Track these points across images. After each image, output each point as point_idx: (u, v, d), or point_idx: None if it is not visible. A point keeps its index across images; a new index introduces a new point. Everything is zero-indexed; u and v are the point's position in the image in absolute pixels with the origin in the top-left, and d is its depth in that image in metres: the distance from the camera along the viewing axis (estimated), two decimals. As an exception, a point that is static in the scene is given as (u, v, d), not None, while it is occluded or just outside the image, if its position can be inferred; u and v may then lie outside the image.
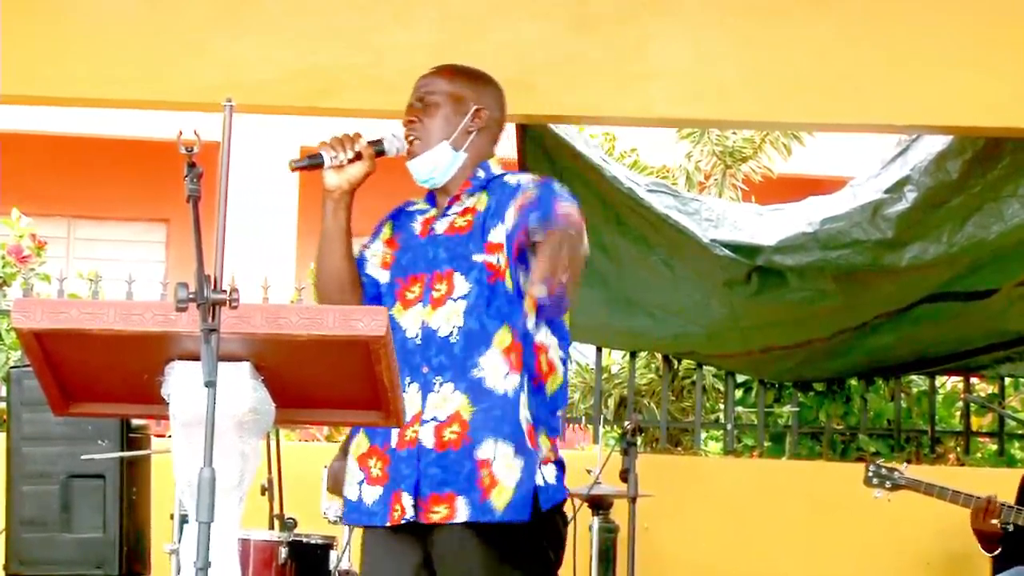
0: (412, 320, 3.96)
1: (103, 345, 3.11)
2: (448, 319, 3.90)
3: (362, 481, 3.93)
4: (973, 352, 7.70)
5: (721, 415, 8.14)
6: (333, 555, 5.43)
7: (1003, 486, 6.43)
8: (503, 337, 3.90)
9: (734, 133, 8.93)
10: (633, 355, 7.93)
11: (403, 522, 3.85)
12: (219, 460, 3.02)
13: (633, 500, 5.68)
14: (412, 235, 4.07)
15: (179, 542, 5.70)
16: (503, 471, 3.84)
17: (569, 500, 4.57)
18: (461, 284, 3.91)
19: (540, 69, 6.28)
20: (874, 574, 7.28)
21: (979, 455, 8.08)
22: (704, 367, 7.96)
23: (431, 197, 4.12)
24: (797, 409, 7.89)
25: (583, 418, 8.25)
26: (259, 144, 13.61)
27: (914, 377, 8.09)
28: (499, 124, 4.17)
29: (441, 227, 4.02)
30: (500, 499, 3.83)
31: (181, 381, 3.12)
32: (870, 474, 6.34)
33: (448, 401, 3.86)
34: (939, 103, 6.28)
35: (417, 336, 3.91)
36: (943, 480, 6.36)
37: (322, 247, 3.99)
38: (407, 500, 3.84)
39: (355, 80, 6.26)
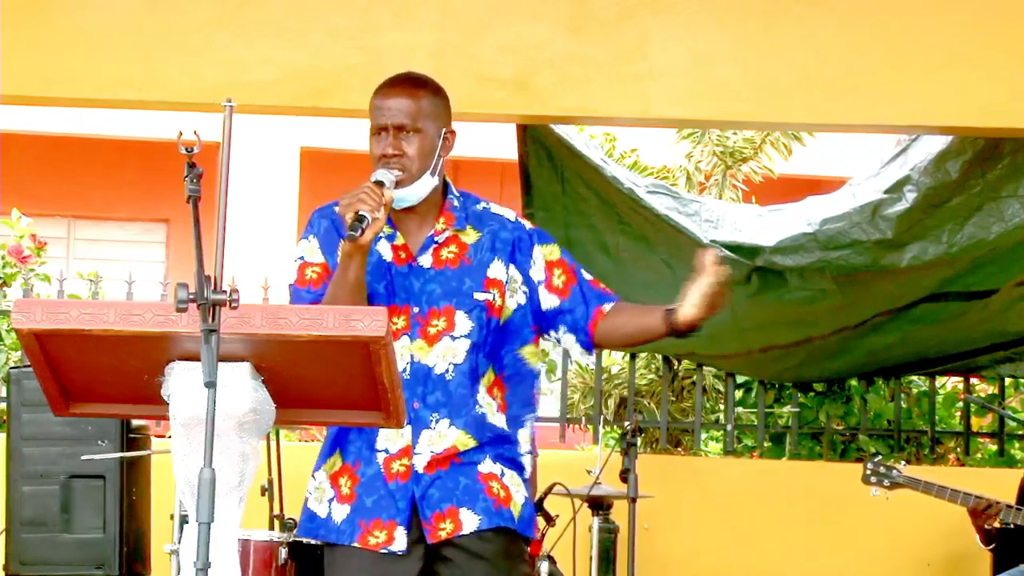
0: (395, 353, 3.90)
1: (103, 345, 3.11)
2: (444, 356, 3.86)
3: (332, 499, 3.91)
4: (973, 352, 7.70)
5: (721, 415, 8.14)
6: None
7: (1003, 486, 6.43)
8: (489, 376, 3.92)
9: (734, 133, 8.93)
10: (633, 356, 7.93)
11: (383, 551, 3.84)
12: (219, 460, 3.02)
13: (633, 500, 5.68)
14: (381, 260, 3.93)
15: (179, 542, 5.70)
16: (514, 489, 3.89)
17: (569, 500, 4.57)
18: (463, 322, 3.88)
19: (540, 69, 6.28)
20: (874, 574, 7.28)
21: (979, 455, 8.08)
22: (704, 367, 7.96)
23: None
24: (797, 409, 7.89)
25: (583, 418, 8.25)
26: (259, 144, 13.61)
27: (914, 377, 8.09)
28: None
29: (427, 260, 3.93)
30: (516, 511, 3.89)
31: (181, 381, 3.12)
32: (868, 472, 6.34)
33: (445, 436, 3.85)
34: (939, 103, 6.29)
35: (405, 371, 3.84)
36: (943, 480, 6.36)
37: (345, 296, 3.77)
38: (400, 533, 3.83)
39: (355, 80, 6.26)
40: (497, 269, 3.94)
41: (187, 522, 3.13)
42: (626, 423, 5.82)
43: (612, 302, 4.00)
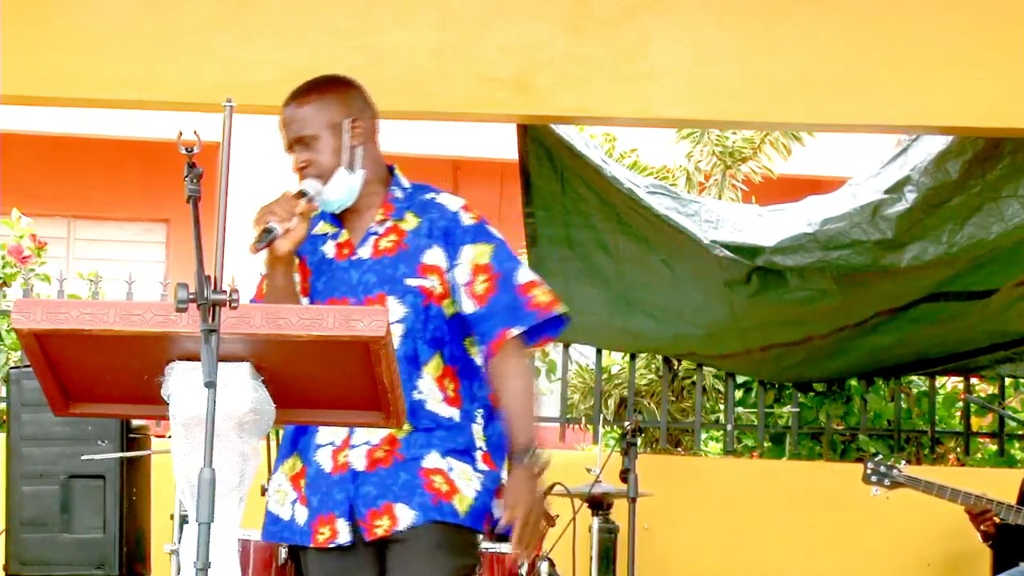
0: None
1: (103, 345, 3.11)
2: None
3: (295, 500, 3.92)
4: (973, 352, 7.70)
5: (721, 415, 8.14)
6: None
7: (1003, 486, 6.43)
8: (436, 364, 3.90)
9: (734, 133, 8.93)
10: (633, 356, 7.93)
11: (331, 545, 3.85)
12: (219, 460, 3.02)
13: (633, 500, 5.69)
14: (324, 259, 3.99)
15: (179, 542, 5.70)
16: (462, 482, 3.85)
17: (569, 500, 4.56)
18: (396, 308, 3.87)
19: (540, 69, 6.28)
20: (874, 574, 7.28)
21: (979, 455, 8.08)
22: (704, 367, 7.96)
23: (334, 218, 4.03)
24: (797, 409, 7.89)
25: (583, 418, 8.25)
26: (259, 144, 13.61)
27: (914, 377, 8.10)
28: (373, 118, 4.06)
29: (366, 251, 3.95)
30: (462, 505, 3.83)
31: (181, 381, 3.12)
32: (868, 472, 6.34)
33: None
34: (939, 103, 6.29)
35: None
36: (943, 480, 6.36)
37: (278, 302, 3.84)
38: (342, 525, 3.84)
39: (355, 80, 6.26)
40: (435, 255, 3.91)
41: (187, 522, 3.13)
42: (626, 423, 5.83)
43: (520, 327, 3.86)
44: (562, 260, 7.31)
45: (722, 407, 8.11)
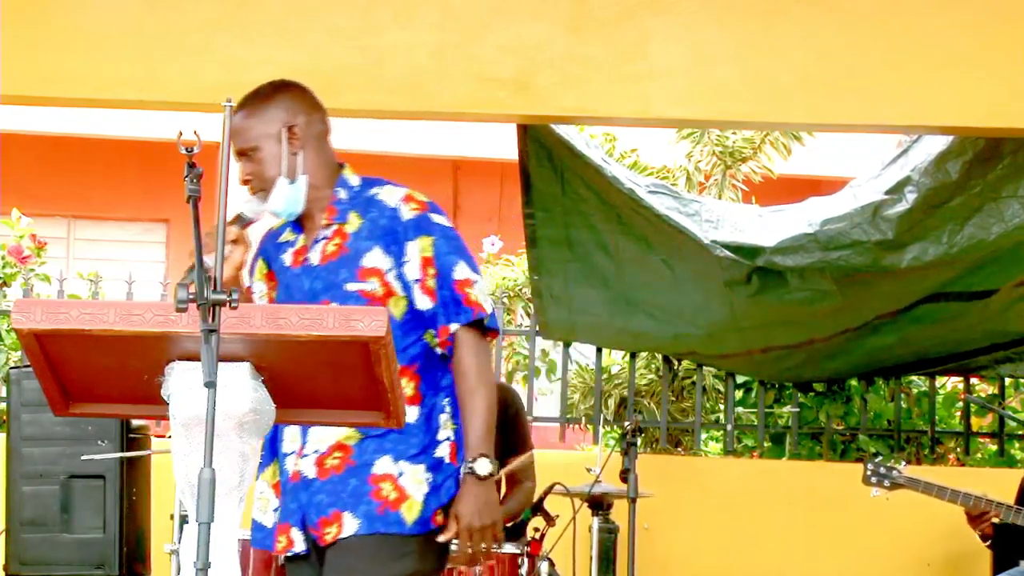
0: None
1: (103, 345, 3.11)
2: None
3: (277, 508, 3.93)
4: (973, 352, 7.70)
5: (721, 415, 8.14)
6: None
7: (1003, 486, 6.43)
8: None
9: (734, 133, 8.93)
10: (633, 355, 7.93)
11: (289, 554, 3.86)
12: (219, 460, 3.02)
13: (633, 500, 5.69)
14: (284, 267, 3.99)
15: (179, 542, 5.71)
16: (412, 487, 3.81)
17: (569, 500, 4.55)
18: None
19: (540, 69, 6.28)
20: (874, 574, 7.29)
21: (979, 455, 8.08)
22: (704, 367, 7.96)
23: (295, 225, 4.01)
24: (797, 409, 7.89)
25: (583, 418, 8.25)
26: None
27: (914, 378, 8.10)
28: (320, 121, 4.00)
29: (315, 256, 3.93)
30: (411, 512, 3.80)
31: (181, 381, 3.12)
32: (868, 472, 6.34)
33: (330, 432, 3.82)
34: (939, 103, 6.29)
35: None
36: (943, 480, 6.36)
37: None
38: (296, 534, 3.86)
39: (355, 80, 6.27)
40: (375, 257, 3.87)
41: (187, 522, 3.13)
42: (626, 423, 5.83)
43: (457, 323, 3.83)
44: (562, 260, 7.31)
45: (722, 407, 8.11)
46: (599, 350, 7.93)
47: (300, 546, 3.86)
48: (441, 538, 3.82)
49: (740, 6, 6.31)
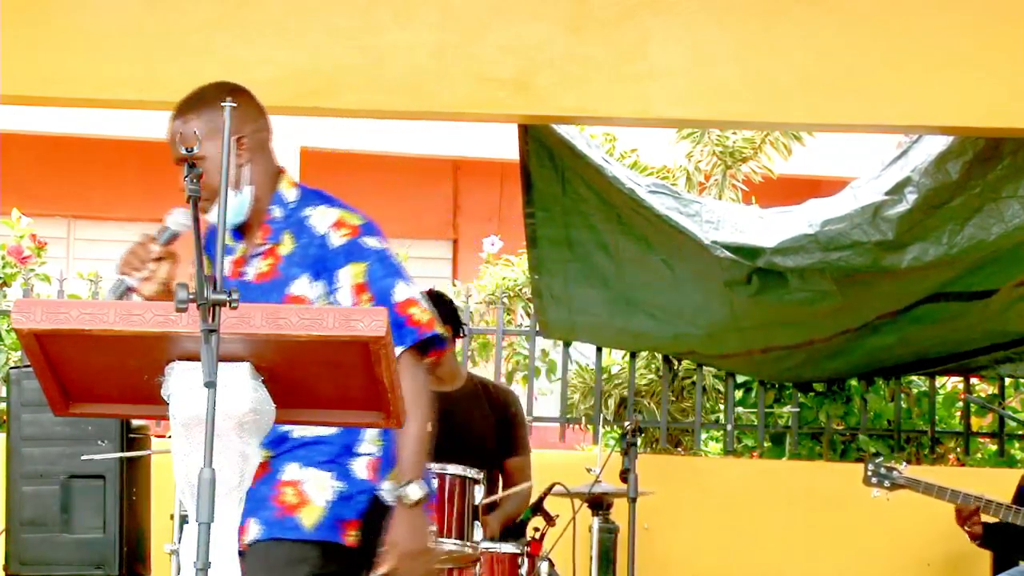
0: None
1: (103, 345, 3.11)
2: None
3: None
4: (973, 352, 7.70)
5: (721, 415, 8.13)
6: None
7: (1003, 486, 6.43)
8: None
9: (734, 133, 8.93)
10: (633, 355, 7.93)
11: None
12: (219, 460, 3.02)
13: (633, 500, 5.69)
14: (224, 277, 3.89)
15: (179, 542, 5.71)
16: (314, 493, 3.77)
17: (569, 500, 4.54)
18: None
19: (540, 69, 6.28)
20: (874, 574, 7.28)
21: (979, 455, 8.08)
22: (704, 367, 7.96)
23: (236, 233, 3.93)
24: (797, 409, 7.89)
25: (583, 418, 8.25)
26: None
27: (914, 377, 8.09)
28: (264, 128, 3.96)
29: (251, 272, 3.89)
30: (309, 518, 3.76)
31: (181, 381, 3.12)
32: (869, 473, 6.34)
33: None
34: (939, 103, 6.29)
35: None
36: (943, 480, 6.36)
37: None
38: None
39: (355, 80, 6.27)
40: (301, 286, 3.83)
41: (187, 522, 3.13)
42: (626, 423, 5.83)
43: (401, 346, 3.72)
44: (562, 260, 7.32)
45: (722, 407, 8.11)
46: (599, 350, 7.93)
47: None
48: (377, 573, 3.77)
49: (740, 6, 6.31)
